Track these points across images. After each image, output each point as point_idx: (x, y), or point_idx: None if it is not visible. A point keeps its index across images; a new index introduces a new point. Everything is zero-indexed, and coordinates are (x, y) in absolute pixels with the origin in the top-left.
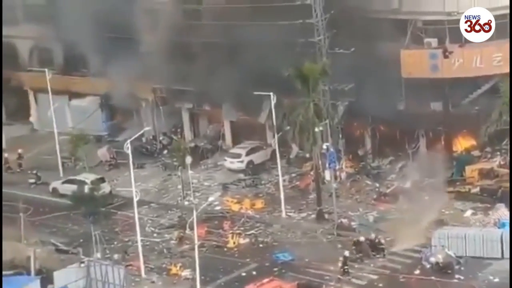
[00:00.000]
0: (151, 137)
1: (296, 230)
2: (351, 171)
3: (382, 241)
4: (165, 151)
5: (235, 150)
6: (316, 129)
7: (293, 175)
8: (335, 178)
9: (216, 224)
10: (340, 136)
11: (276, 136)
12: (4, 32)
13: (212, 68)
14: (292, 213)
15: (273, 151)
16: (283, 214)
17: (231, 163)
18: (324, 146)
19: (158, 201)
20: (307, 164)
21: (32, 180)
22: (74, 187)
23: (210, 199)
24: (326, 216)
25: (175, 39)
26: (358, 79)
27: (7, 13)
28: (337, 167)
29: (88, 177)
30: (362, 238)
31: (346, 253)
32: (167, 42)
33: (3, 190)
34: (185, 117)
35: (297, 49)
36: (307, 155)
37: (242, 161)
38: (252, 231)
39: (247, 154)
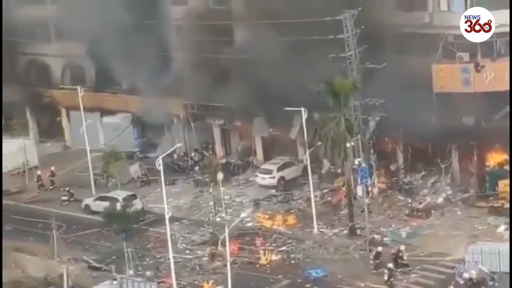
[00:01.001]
0: (182, 154)
1: (329, 246)
2: (383, 186)
3: (405, 257)
4: (197, 168)
5: (266, 166)
6: (348, 145)
7: (325, 190)
8: (367, 193)
9: (248, 241)
10: (372, 151)
11: (307, 151)
12: (36, 50)
13: (242, 84)
14: (324, 229)
15: (305, 167)
16: (315, 230)
17: (262, 179)
18: (356, 162)
19: (190, 218)
20: (338, 180)
21: (65, 197)
22: (106, 204)
23: (242, 215)
24: (359, 231)
25: (205, 56)
26: (390, 94)
27: (39, 31)
28: (369, 182)
29: (120, 194)
30: (379, 249)
31: (390, 265)
32: (198, 59)
33: (36, 207)
34: (216, 133)
35: (328, 64)
36: (339, 171)
37: (273, 177)
38: (284, 247)
39: (279, 170)
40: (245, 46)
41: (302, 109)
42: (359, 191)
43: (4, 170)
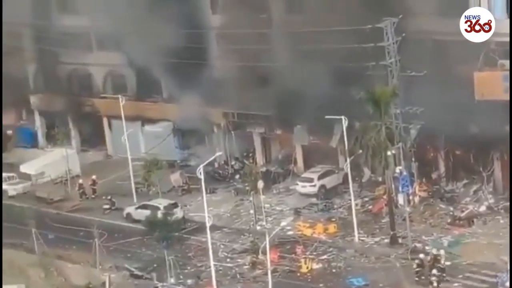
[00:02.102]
0: (223, 162)
1: (370, 255)
2: (424, 195)
3: (442, 261)
4: (237, 176)
5: (307, 175)
6: (389, 153)
7: (366, 199)
8: (408, 202)
9: (288, 249)
10: (413, 159)
11: (348, 160)
12: (79, 60)
13: (283, 92)
14: (365, 237)
15: (345, 175)
16: (356, 239)
17: (303, 187)
18: (397, 170)
19: (231, 226)
20: (379, 188)
21: (107, 206)
22: (147, 212)
23: (283, 223)
24: (400, 240)
25: (246, 64)
26: (431, 101)
27: (82, 41)
28: (410, 191)
29: (161, 203)
30: (422, 255)
31: (434, 271)
32: (238, 67)
33: (78, 216)
34: (257, 142)
35: (368, 72)
36: (380, 179)
37: (314, 185)
38: (325, 256)
39: (319, 178)
40: (285, 54)
41: (343, 117)
42: (400, 199)
43: (47, 178)
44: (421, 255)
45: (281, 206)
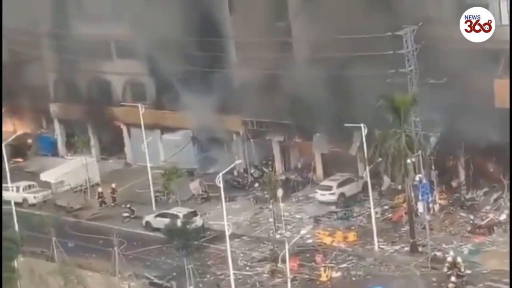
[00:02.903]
0: (242, 170)
1: (389, 263)
2: (444, 203)
3: (462, 269)
4: (256, 184)
5: (326, 183)
6: (408, 161)
7: (385, 207)
8: (428, 210)
9: (308, 257)
10: (433, 167)
11: (367, 168)
12: (99, 68)
13: (302, 100)
14: (385, 246)
15: (365, 183)
16: (376, 247)
17: (322, 195)
18: (417, 178)
19: (250, 234)
20: (399, 196)
21: (126, 214)
22: (167, 220)
23: (302, 232)
24: (420, 248)
25: (265, 72)
26: (451, 109)
27: (101, 49)
28: (430, 199)
29: (181, 211)
30: (450, 259)
31: (453, 278)
32: (257, 75)
33: (98, 224)
34: (276, 150)
35: (387, 80)
36: (399, 187)
37: (333, 194)
38: (345, 264)
39: (339, 186)
40: (304, 62)
41: (362, 125)
42: (420, 207)
43: (66, 187)
44: (449, 259)
45: (301, 214)
